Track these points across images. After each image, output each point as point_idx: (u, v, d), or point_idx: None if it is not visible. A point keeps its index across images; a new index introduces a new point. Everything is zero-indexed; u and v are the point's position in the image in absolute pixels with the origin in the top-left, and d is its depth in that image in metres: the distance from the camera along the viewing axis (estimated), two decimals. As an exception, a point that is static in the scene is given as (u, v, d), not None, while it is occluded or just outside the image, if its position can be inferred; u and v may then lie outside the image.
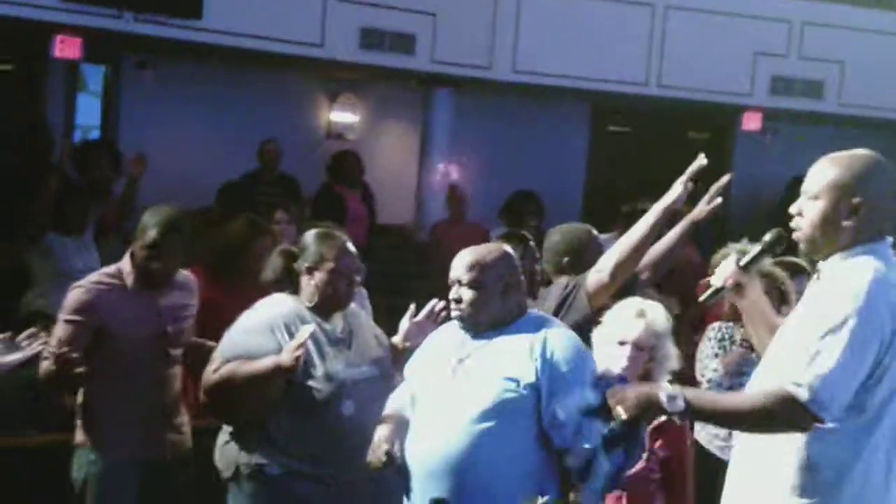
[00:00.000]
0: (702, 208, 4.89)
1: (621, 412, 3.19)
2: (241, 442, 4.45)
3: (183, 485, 4.99)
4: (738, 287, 3.57)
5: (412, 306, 4.61)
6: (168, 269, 4.94)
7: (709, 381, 5.67)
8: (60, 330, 4.71)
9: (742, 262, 3.58)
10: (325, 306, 4.47)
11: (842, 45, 11.84)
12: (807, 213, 3.18)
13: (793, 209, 3.26)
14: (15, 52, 10.57)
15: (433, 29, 10.50)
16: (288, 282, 4.65)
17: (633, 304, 4.37)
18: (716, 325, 5.81)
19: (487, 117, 11.81)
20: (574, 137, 12.89)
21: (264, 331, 4.34)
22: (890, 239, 3.24)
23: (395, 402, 4.22)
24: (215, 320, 4.95)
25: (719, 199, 4.82)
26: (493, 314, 3.95)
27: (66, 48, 9.04)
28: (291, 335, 4.29)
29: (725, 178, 4.97)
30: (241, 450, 4.44)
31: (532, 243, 5.27)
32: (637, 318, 4.25)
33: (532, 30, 10.93)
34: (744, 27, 11.59)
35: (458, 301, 3.95)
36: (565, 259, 5.10)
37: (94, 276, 4.99)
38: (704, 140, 13.39)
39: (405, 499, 4.00)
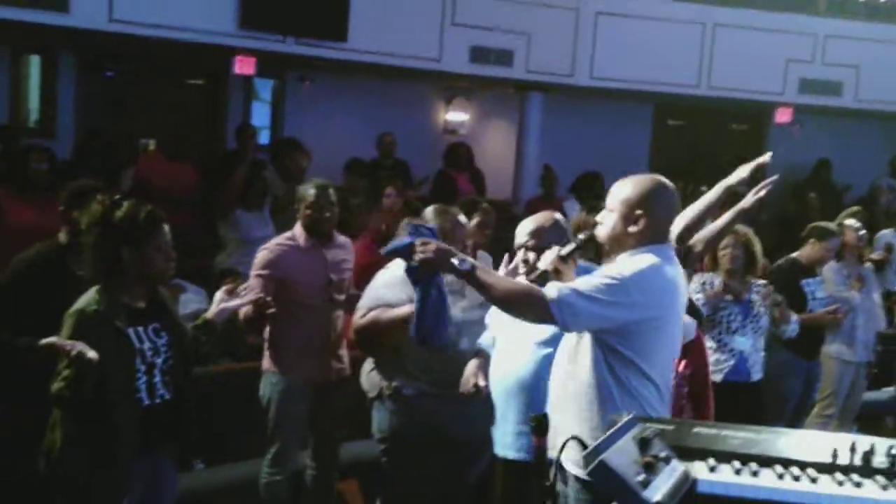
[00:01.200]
0: (750, 199, 4.79)
1: (421, 253, 3.21)
2: (383, 370, 4.52)
3: (343, 402, 5.06)
4: (557, 272, 3.55)
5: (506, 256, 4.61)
6: (328, 221, 4.98)
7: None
8: (253, 282, 4.76)
9: (562, 254, 3.56)
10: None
11: (857, 53, 11.57)
12: (605, 221, 3.31)
13: (598, 217, 3.41)
14: (204, 70, 10.80)
15: (527, 46, 10.43)
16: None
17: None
18: (699, 275, 5.76)
19: (570, 115, 11.76)
20: (639, 130, 12.82)
21: (398, 284, 4.36)
22: (671, 243, 3.36)
23: (481, 342, 4.21)
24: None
25: (763, 192, 4.73)
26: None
27: (243, 66, 9.18)
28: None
29: (765, 157, 4.87)
30: (383, 376, 4.52)
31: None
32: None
33: (606, 45, 10.83)
34: (777, 39, 11.36)
35: (526, 262, 3.91)
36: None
37: (275, 240, 5.10)
38: (744, 131, 13.18)
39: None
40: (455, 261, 3.20)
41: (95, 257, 3.47)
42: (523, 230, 3.95)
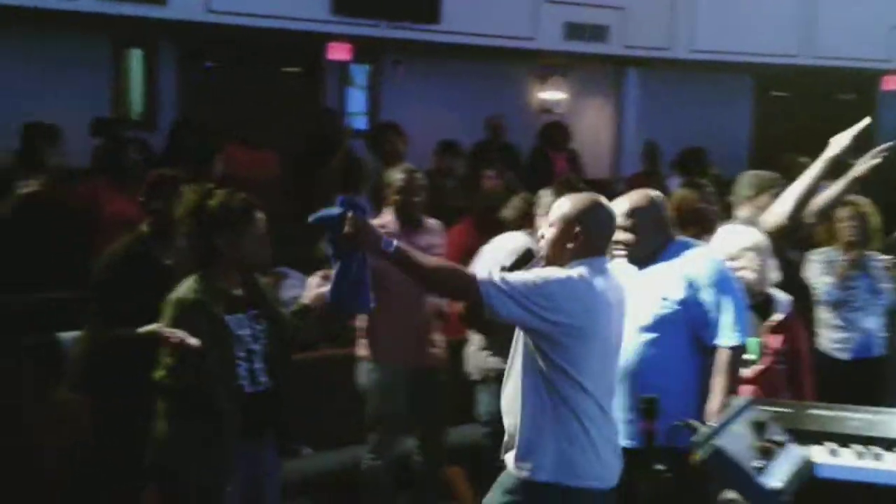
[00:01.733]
0: (864, 166, 4.59)
1: (348, 227, 3.22)
2: (491, 349, 4.49)
3: (441, 386, 5.05)
4: None
5: None
6: (417, 205, 5.00)
7: (825, 294, 5.46)
8: None
9: (505, 266, 3.48)
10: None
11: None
12: (546, 236, 3.44)
13: (540, 233, 3.57)
14: (300, 58, 10.87)
15: (623, 20, 10.25)
16: (524, 222, 4.68)
17: (729, 227, 4.34)
18: (817, 250, 5.55)
19: (668, 89, 11.52)
20: (740, 102, 12.51)
21: (505, 259, 4.38)
22: (608, 257, 3.46)
23: None
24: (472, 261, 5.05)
25: (878, 160, 4.53)
26: (649, 248, 3.87)
27: (338, 52, 9.22)
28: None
29: (864, 121, 4.66)
30: (490, 356, 4.49)
31: (709, 188, 5.10)
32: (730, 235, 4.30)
33: (705, 15, 10.58)
34: (881, 4, 10.95)
35: (621, 242, 3.87)
36: (746, 194, 4.99)
37: (374, 221, 5.10)
38: (851, 101, 12.75)
39: None
40: (381, 242, 3.25)
41: (191, 247, 3.50)
42: (619, 210, 3.86)
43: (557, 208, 3.44)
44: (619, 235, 3.82)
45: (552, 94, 11.61)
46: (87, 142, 7.89)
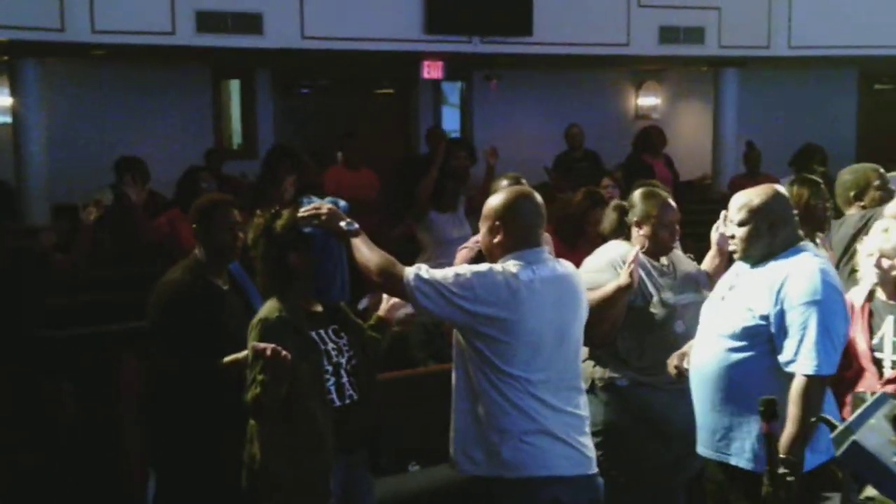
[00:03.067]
0: None
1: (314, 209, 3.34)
2: (596, 359, 4.39)
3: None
4: None
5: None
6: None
7: None
8: None
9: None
10: (653, 251, 4.35)
11: None
12: (480, 233, 3.46)
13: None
14: (394, 78, 10.96)
15: (718, 20, 10.07)
16: (621, 231, 4.57)
17: (884, 223, 4.04)
18: None
19: (768, 87, 11.32)
20: (844, 97, 12.20)
21: (607, 268, 4.23)
22: (544, 248, 3.41)
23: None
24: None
25: None
26: (761, 248, 3.58)
27: (431, 70, 9.25)
28: None
29: None
30: (595, 366, 4.38)
31: (821, 185, 4.91)
32: (883, 233, 3.94)
33: (802, 10, 10.30)
34: None
35: (732, 237, 3.66)
36: (852, 193, 4.76)
37: (475, 238, 5.02)
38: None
39: None
40: (343, 223, 3.35)
41: (265, 269, 3.54)
42: (733, 205, 3.69)
43: (485, 206, 3.45)
44: (730, 229, 3.70)
45: (648, 100, 11.46)
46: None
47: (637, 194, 4.46)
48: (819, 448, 3.41)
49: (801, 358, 3.37)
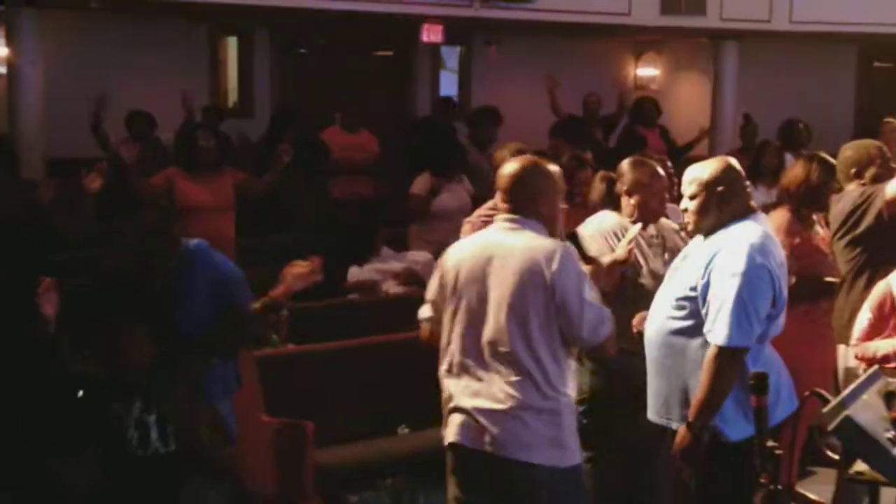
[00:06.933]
0: None
1: None
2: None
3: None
4: None
5: None
6: None
7: None
8: None
9: None
10: (642, 220, 4.34)
11: None
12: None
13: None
14: (392, 41, 10.88)
15: (720, -7, 10.02)
16: (610, 201, 4.57)
17: None
18: None
19: (767, 62, 11.22)
20: (843, 74, 12.18)
21: (598, 238, 4.28)
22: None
23: None
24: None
25: None
26: (711, 220, 3.57)
27: (431, 34, 9.18)
28: (618, 240, 4.24)
29: None
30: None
31: (834, 166, 4.84)
32: None
33: (805, -15, 10.26)
34: None
35: (685, 210, 3.67)
36: (853, 170, 4.74)
37: (478, 211, 5.01)
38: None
39: None
40: None
41: None
42: (684, 178, 3.69)
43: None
44: (682, 203, 3.68)
45: (647, 71, 11.41)
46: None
47: (626, 163, 4.48)
48: (782, 400, 3.42)
49: (715, 327, 3.41)
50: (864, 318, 4.13)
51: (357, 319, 6.00)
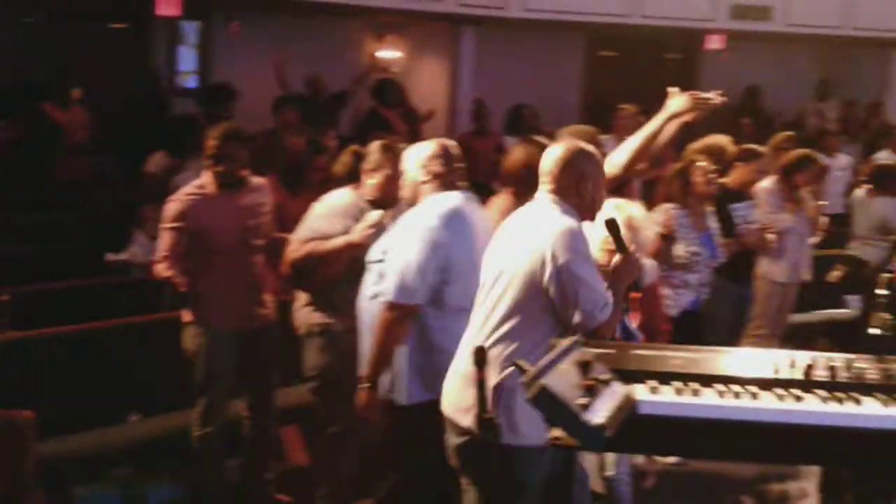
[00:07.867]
0: (681, 101, 4.59)
1: None
2: (314, 306, 4.46)
3: (269, 346, 4.89)
4: None
5: None
6: (231, 171, 4.74)
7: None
8: (165, 236, 4.70)
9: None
10: (380, 202, 4.42)
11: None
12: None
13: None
14: (126, 13, 10.44)
15: (460, -22, 10.28)
16: (353, 176, 4.61)
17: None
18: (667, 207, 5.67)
19: (502, 48, 11.60)
20: (571, 62, 12.70)
21: (334, 216, 4.38)
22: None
23: None
24: (282, 219, 5.07)
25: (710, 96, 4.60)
26: (393, 196, 4.19)
27: (167, 7, 8.87)
28: (354, 220, 4.30)
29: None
30: (314, 311, 4.46)
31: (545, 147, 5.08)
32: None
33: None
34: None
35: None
36: None
37: (184, 189, 4.85)
38: (677, 59, 13.20)
39: None
40: None
41: None
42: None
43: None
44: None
45: (388, 53, 11.52)
46: None
47: (375, 144, 4.53)
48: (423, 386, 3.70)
49: (385, 285, 3.72)
50: None
51: (90, 303, 5.80)
